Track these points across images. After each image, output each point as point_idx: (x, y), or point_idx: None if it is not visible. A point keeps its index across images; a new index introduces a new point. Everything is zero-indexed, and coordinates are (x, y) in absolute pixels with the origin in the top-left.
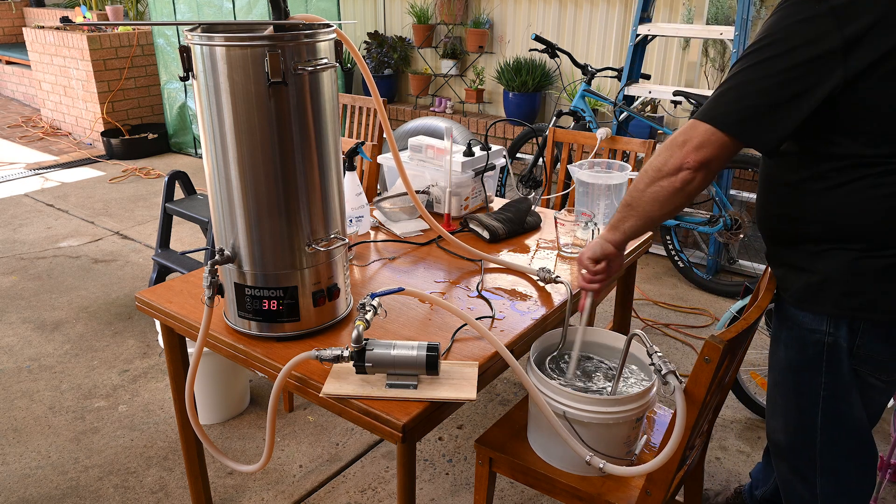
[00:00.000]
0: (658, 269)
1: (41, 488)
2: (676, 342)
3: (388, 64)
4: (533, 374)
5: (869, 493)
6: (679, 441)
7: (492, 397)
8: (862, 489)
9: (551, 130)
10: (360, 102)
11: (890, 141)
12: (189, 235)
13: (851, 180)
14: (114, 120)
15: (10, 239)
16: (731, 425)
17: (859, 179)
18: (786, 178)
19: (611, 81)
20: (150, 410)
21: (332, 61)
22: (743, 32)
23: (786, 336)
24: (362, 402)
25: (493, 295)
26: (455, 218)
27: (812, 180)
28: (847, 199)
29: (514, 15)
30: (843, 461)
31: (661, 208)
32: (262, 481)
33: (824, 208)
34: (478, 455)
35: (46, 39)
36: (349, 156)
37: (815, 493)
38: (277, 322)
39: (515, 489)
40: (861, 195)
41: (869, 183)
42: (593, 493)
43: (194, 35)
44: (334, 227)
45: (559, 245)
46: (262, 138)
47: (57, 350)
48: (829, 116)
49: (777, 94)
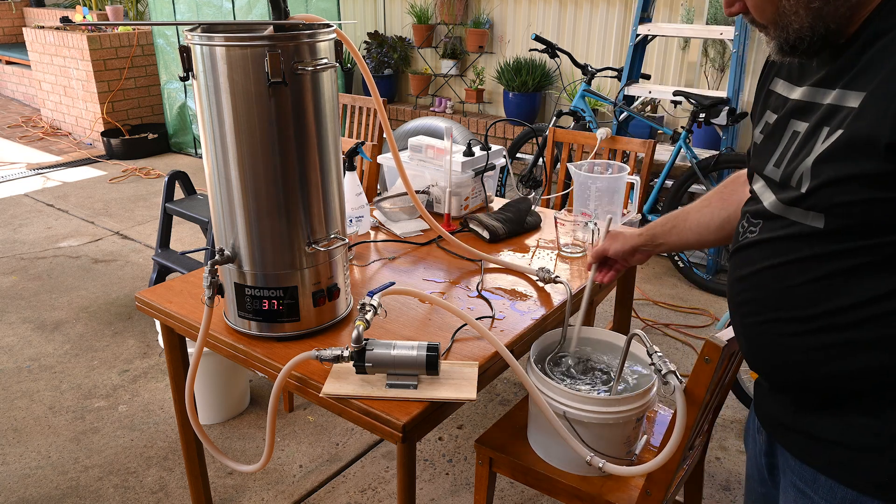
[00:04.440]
0: (658, 269)
1: (41, 488)
2: (676, 342)
3: (388, 64)
4: (533, 374)
5: None
6: (679, 441)
7: (492, 397)
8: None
9: (551, 130)
10: (360, 102)
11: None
12: (189, 235)
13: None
14: (114, 120)
15: (10, 239)
16: (731, 425)
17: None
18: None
19: (611, 81)
20: (150, 410)
21: (332, 61)
22: (743, 32)
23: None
24: (362, 402)
25: (492, 295)
26: (455, 218)
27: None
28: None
29: (514, 15)
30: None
31: None
32: (262, 481)
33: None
34: (478, 455)
35: (46, 39)
36: (349, 156)
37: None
38: (277, 322)
39: (515, 489)
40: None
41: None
42: (593, 493)
43: (194, 35)
44: (334, 227)
45: (559, 245)
46: (262, 138)
47: (57, 350)
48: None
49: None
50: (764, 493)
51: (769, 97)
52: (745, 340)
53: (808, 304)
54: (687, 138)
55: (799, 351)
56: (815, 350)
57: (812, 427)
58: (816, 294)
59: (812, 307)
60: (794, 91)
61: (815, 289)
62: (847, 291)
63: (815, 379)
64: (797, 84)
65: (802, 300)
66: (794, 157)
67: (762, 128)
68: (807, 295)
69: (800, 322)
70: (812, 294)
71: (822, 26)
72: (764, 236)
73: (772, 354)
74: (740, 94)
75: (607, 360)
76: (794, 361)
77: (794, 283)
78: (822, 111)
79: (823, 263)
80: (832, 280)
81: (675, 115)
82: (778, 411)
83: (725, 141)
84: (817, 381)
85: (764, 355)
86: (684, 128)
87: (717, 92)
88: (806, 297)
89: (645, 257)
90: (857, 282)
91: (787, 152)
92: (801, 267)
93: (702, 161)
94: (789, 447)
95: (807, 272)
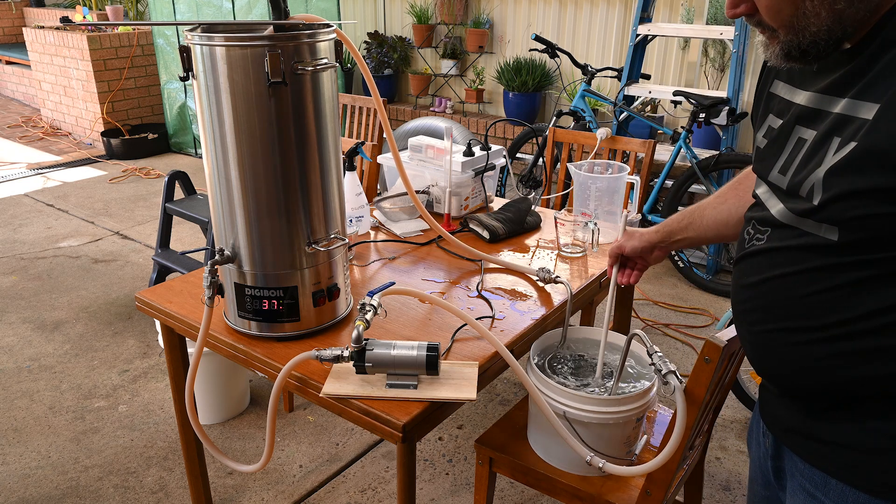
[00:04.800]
0: (658, 269)
1: (41, 488)
2: (676, 342)
3: (388, 64)
4: (533, 374)
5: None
6: (679, 441)
7: (492, 397)
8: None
9: (551, 130)
10: (360, 102)
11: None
12: (189, 235)
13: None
14: (114, 120)
15: (10, 239)
16: (731, 425)
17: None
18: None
19: (611, 81)
20: (150, 410)
21: (332, 61)
22: (743, 32)
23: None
24: (362, 402)
25: (493, 295)
26: (455, 218)
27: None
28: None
29: (514, 15)
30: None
31: None
32: (262, 481)
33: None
34: (478, 455)
35: (46, 39)
36: (349, 156)
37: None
38: (277, 322)
39: (515, 489)
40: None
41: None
42: (593, 493)
43: (194, 35)
44: (334, 227)
45: (559, 245)
46: (262, 138)
47: (57, 350)
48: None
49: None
50: (767, 496)
51: (771, 100)
52: (752, 347)
53: (819, 314)
54: (687, 138)
55: (810, 359)
56: (827, 358)
57: (822, 431)
58: (828, 304)
59: (823, 317)
60: (797, 94)
61: (827, 299)
62: (859, 302)
63: (827, 385)
64: (799, 87)
65: (814, 310)
66: (803, 167)
67: (765, 132)
68: (818, 305)
69: (811, 331)
70: (823, 304)
71: (840, 29)
72: (773, 245)
73: (780, 362)
74: (740, 94)
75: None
76: (805, 368)
77: (806, 292)
78: (831, 120)
79: (835, 274)
80: (844, 291)
81: (675, 115)
82: (786, 415)
83: (725, 141)
84: (828, 386)
85: (772, 362)
86: (684, 128)
87: (717, 92)
88: (817, 307)
89: (663, 255)
90: (868, 293)
91: (793, 160)
92: (813, 277)
93: (702, 161)
94: (798, 451)
95: (818, 282)
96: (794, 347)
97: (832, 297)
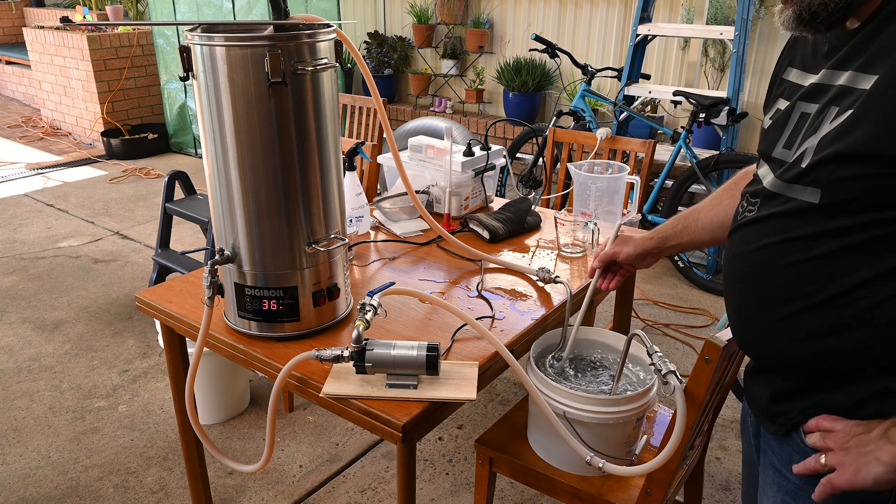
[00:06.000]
0: (658, 269)
1: (41, 488)
2: (676, 342)
3: (388, 64)
4: (533, 374)
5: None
6: (679, 441)
7: (492, 397)
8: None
9: (551, 130)
10: (360, 102)
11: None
12: (189, 235)
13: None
14: (114, 120)
15: (10, 239)
16: (731, 425)
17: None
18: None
19: (611, 81)
20: (150, 410)
21: (332, 61)
22: (743, 32)
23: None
24: (362, 402)
25: (492, 295)
26: (455, 218)
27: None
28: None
29: (514, 15)
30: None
31: None
32: (262, 481)
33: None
34: (478, 455)
35: (46, 39)
36: (349, 156)
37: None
38: (277, 322)
39: (515, 489)
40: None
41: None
42: (593, 493)
43: (194, 35)
44: (334, 227)
45: (559, 245)
46: (262, 138)
47: (57, 350)
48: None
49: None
50: (750, 472)
51: (782, 85)
52: (736, 318)
53: (798, 285)
54: (687, 138)
55: (787, 329)
56: (803, 329)
57: (788, 409)
58: (806, 274)
59: (802, 288)
60: (807, 79)
61: (805, 269)
62: (837, 273)
63: (799, 357)
64: (811, 72)
65: (794, 280)
66: (804, 138)
67: (773, 114)
68: (797, 275)
69: (789, 302)
70: (802, 274)
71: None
72: (762, 214)
73: (758, 333)
74: (740, 94)
75: (602, 355)
76: (780, 339)
77: (786, 262)
78: (832, 92)
79: (815, 243)
80: (821, 261)
81: (675, 115)
82: (759, 393)
83: (725, 141)
84: (803, 358)
85: (750, 334)
86: (684, 128)
87: (717, 92)
88: (796, 277)
89: (654, 261)
90: (845, 264)
91: (797, 134)
92: (793, 245)
93: (702, 161)
94: (767, 426)
95: (798, 252)
96: (771, 317)
97: (810, 266)
